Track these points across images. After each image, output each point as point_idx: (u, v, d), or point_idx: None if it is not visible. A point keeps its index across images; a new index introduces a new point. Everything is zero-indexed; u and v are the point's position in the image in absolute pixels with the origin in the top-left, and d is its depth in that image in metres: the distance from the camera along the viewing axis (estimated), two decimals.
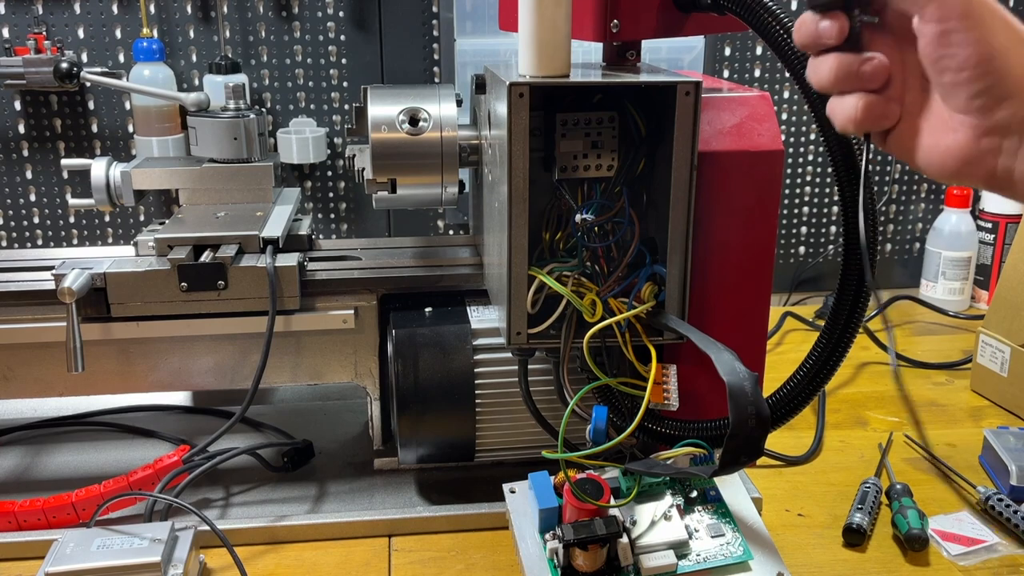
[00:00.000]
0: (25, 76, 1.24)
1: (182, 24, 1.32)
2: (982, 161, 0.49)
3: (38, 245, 1.39)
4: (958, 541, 0.84)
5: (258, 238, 0.88)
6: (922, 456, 0.99)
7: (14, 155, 1.35)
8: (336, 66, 1.36)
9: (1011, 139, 0.48)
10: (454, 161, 0.82)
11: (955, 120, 0.49)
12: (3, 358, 0.87)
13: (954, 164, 0.50)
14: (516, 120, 0.66)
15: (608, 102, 0.72)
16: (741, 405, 0.59)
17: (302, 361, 0.90)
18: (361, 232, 1.44)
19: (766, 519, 0.73)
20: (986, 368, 1.13)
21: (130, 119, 1.35)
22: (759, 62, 1.44)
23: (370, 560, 0.82)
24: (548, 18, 0.66)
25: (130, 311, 0.85)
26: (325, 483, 0.92)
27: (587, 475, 0.69)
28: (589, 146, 0.72)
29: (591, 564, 0.66)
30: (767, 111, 0.75)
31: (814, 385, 0.71)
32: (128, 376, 0.88)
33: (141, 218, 1.41)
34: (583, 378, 0.73)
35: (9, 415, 1.06)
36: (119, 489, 0.83)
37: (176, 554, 0.75)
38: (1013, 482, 0.89)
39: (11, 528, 0.82)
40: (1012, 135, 0.48)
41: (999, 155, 0.48)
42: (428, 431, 0.85)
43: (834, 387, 1.16)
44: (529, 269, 0.70)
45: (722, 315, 0.74)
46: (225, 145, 0.98)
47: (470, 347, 0.84)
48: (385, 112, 0.81)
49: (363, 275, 0.89)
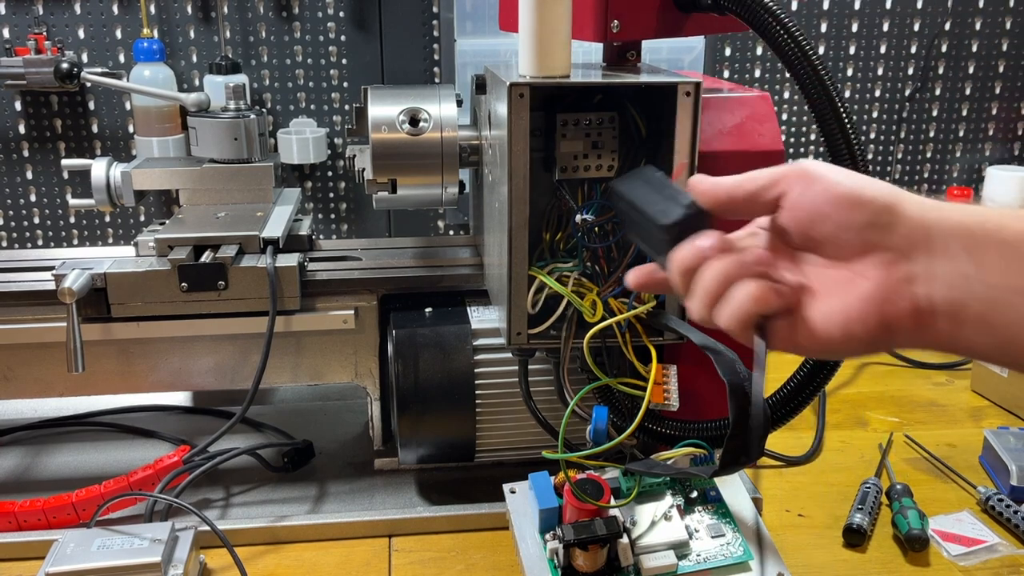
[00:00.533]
0: (25, 76, 1.24)
1: (182, 24, 1.32)
2: (900, 294, 0.45)
3: (38, 245, 1.39)
4: (958, 541, 0.84)
5: (258, 238, 0.88)
6: (922, 456, 0.99)
7: (14, 155, 1.35)
8: (336, 66, 1.36)
9: (918, 261, 0.44)
10: (454, 161, 0.82)
11: (856, 270, 0.46)
12: (3, 358, 0.87)
13: (875, 310, 0.45)
14: (516, 120, 0.66)
15: (608, 102, 0.72)
16: (741, 406, 0.59)
17: (302, 361, 0.90)
18: (361, 232, 1.44)
19: (766, 519, 0.73)
20: (986, 368, 1.13)
21: (130, 119, 1.35)
22: (759, 62, 1.44)
23: (370, 560, 0.82)
24: (548, 18, 0.66)
25: (130, 311, 0.85)
26: (325, 483, 0.92)
27: (587, 475, 0.69)
28: (589, 146, 0.72)
29: (591, 564, 0.66)
30: (767, 111, 0.75)
31: (814, 386, 0.71)
32: (128, 376, 0.88)
33: (141, 218, 1.41)
34: (583, 378, 0.73)
35: (9, 415, 1.06)
36: (119, 489, 0.83)
37: (176, 554, 0.75)
38: (1013, 482, 0.89)
39: (11, 528, 0.82)
40: (917, 256, 0.45)
41: (914, 283, 0.45)
42: (428, 431, 0.85)
43: (834, 387, 1.16)
44: (529, 269, 0.70)
45: None
46: (225, 145, 0.98)
47: (470, 347, 0.84)
48: (385, 112, 0.81)
49: (363, 275, 0.89)
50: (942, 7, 1.44)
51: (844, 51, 1.45)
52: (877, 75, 1.47)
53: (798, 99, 1.46)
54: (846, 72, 1.46)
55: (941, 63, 1.48)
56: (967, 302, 0.43)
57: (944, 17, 1.45)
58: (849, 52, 1.45)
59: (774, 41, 0.67)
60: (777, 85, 1.46)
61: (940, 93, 1.50)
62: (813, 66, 0.66)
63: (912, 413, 1.10)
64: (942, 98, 1.50)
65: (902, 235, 0.45)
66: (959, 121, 1.51)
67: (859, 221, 0.46)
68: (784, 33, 0.67)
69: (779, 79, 1.46)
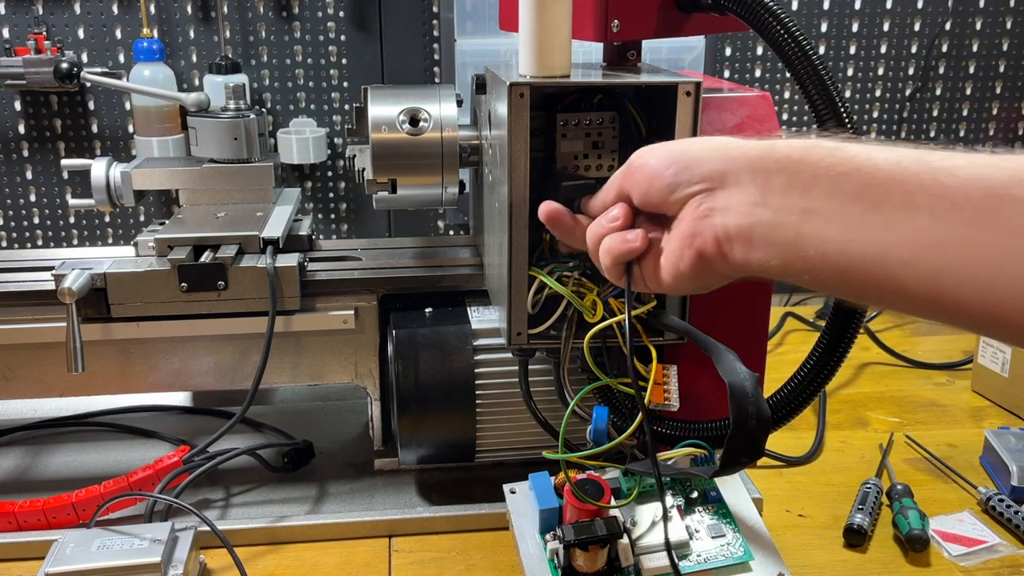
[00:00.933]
0: (25, 76, 1.24)
1: (182, 24, 1.32)
2: (704, 227, 0.52)
3: (38, 245, 1.39)
4: (959, 542, 0.84)
5: (258, 238, 0.88)
6: (923, 456, 0.99)
7: (14, 155, 1.35)
8: (336, 66, 1.36)
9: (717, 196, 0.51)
10: (454, 161, 0.82)
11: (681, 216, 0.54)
12: (3, 358, 0.87)
13: (687, 244, 0.53)
14: (516, 120, 0.66)
15: (608, 102, 0.72)
16: (742, 405, 0.59)
17: (302, 361, 0.90)
18: (361, 232, 1.44)
19: (767, 520, 0.73)
20: (987, 368, 1.13)
21: (130, 119, 1.35)
22: (759, 62, 1.44)
23: (370, 561, 0.82)
24: (548, 18, 0.66)
25: (130, 311, 0.85)
26: (325, 483, 0.92)
27: (587, 475, 0.69)
28: (590, 146, 0.72)
29: (591, 565, 0.66)
30: (767, 111, 0.75)
31: (815, 386, 0.71)
32: (128, 376, 0.88)
33: (141, 218, 1.40)
34: (583, 378, 0.73)
35: (9, 415, 1.06)
36: (119, 489, 0.83)
37: (176, 554, 0.75)
38: (1014, 482, 0.89)
39: (11, 528, 0.82)
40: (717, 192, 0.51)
41: (713, 216, 0.51)
42: (428, 431, 0.85)
43: (835, 387, 1.16)
44: (529, 269, 0.70)
45: (722, 315, 0.74)
46: (225, 145, 0.98)
47: (470, 347, 0.84)
48: (385, 112, 0.81)
49: (363, 275, 0.89)
50: (942, 7, 1.44)
51: (844, 51, 1.45)
52: (878, 75, 1.47)
53: (798, 99, 1.46)
54: (846, 72, 1.46)
55: (942, 63, 1.48)
56: (754, 226, 0.49)
57: (944, 17, 1.45)
58: (849, 52, 1.45)
59: (774, 41, 0.67)
60: (777, 85, 1.46)
61: (941, 93, 1.50)
62: (813, 66, 0.66)
63: (913, 413, 1.10)
64: (943, 98, 1.50)
65: (703, 175, 0.52)
66: (960, 121, 1.51)
67: (667, 176, 0.54)
68: (784, 33, 0.66)
69: (779, 79, 1.46)
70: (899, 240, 0.43)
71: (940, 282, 0.41)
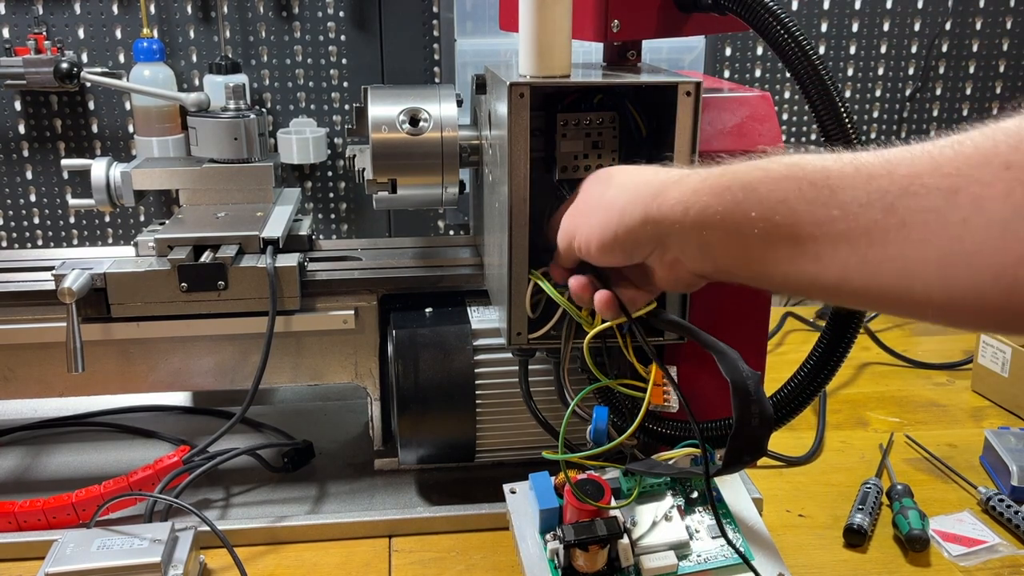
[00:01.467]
0: (25, 76, 1.24)
1: (182, 24, 1.32)
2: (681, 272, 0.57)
3: (38, 245, 1.39)
4: (959, 542, 0.84)
5: (258, 238, 0.88)
6: (923, 456, 0.99)
7: (14, 155, 1.35)
8: (336, 66, 1.36)
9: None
10: (454, 161, 0.82)
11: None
12: (3, 358, 0.87)
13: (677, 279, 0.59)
14: (516, 120, 0.66)
15: (609, 102, 0.72)
16: (745, 404, 0.59)
17: (302, 361, 0.90)
18: (361, 232, 1.44)
19: (767, 519, 0.73)
20: (987, 368, 1.13)
21: (130, 119, 1.35)
22: (760, 62, 1.44)
23: (370, 561, 0.82)
24: (548, 18, 0.66)
25: (130, 311, 0.85)
26: (325, 483, 0.92)
27: (588, 476, 0.69)
28: (590, 146, 0.72)
29: (592, 565, 0.66)
30: (768, 111, 0.75)
31: (815, 385, 0.71)
32: (128, 376, 0.88)
33: (141, 218, 1.40)
34: (583, 378, 0.73)
35: (9, 415, 1.06)
36: (119, 489, 0.83)
37: (176, 555, 0.75)
38: (1014, 482, 0.89)
39: (11, 528, 0.82)
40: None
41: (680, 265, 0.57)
42: (428, 431, 0.85)
43: (835, 387, 1.16)
44: (529, 273, 0.69)
45: (723, 315, 0.74)
46: (225, 145, 0.98)
47: (470, 347, 0.84)
48: (385, 112, 0.81)
49: (363, 275, 0.89)
50: (942, 7, 1.44)
51: (844, 51, 1.45)
52: (878, 75, 1.47)
53: (798, 99, 1.46)
54: (847, 72, 1.46)
55: (942, 63, 1.48)
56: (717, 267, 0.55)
57: (944, 17, 1.45)
58: (849, 52, 1.45)
59: (775, 41, 0.67)
60: (777, 85, 1.46)
61: (941, 93, 1.50)
62: (814, 66, 0.66)
63: (913, 413, 1.10)
64: (943, 98, 1.50)
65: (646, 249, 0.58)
66: (960, 121, 1.51)
67: (617, 259, 0.60)
68: (784, 33, 0.66)
69: (779, 79, 1.46)
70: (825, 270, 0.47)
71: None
